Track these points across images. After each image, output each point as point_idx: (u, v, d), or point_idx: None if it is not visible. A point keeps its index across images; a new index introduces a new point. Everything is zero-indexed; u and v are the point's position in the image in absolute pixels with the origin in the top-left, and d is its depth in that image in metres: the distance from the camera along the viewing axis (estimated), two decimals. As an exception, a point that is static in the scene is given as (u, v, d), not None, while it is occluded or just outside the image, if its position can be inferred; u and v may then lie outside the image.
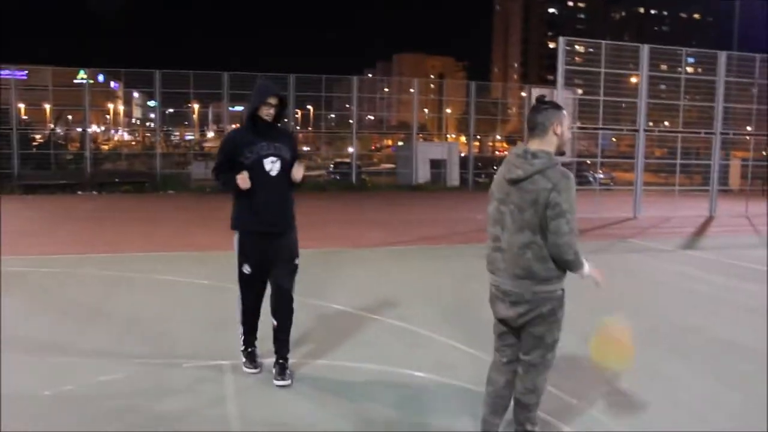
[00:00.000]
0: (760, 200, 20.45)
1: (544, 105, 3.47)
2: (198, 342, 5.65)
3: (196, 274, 8.49)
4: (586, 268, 3.44)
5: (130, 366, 4.98)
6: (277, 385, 4.67)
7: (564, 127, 3.46)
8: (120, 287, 7.73)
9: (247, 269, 4.80)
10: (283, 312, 4.79)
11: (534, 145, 3.43)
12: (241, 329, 5.00)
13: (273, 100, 4.69)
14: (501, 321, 3.56)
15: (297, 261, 4.85)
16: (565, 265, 3.36)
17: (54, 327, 6.01)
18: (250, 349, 5.01)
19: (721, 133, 18.57)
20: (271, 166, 4.68)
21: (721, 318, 6.93)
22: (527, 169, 3.32)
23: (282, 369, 4.76)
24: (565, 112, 3.50)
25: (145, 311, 6.64)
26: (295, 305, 4.84)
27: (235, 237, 4.88)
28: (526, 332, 3.46)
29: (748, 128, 20.63)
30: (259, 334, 5.00)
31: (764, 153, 26.83)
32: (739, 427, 4.15)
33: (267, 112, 4.68)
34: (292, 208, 4.88)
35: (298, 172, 4.74)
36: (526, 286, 3.34)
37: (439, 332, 6.03)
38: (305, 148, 34.13)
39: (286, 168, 4.71)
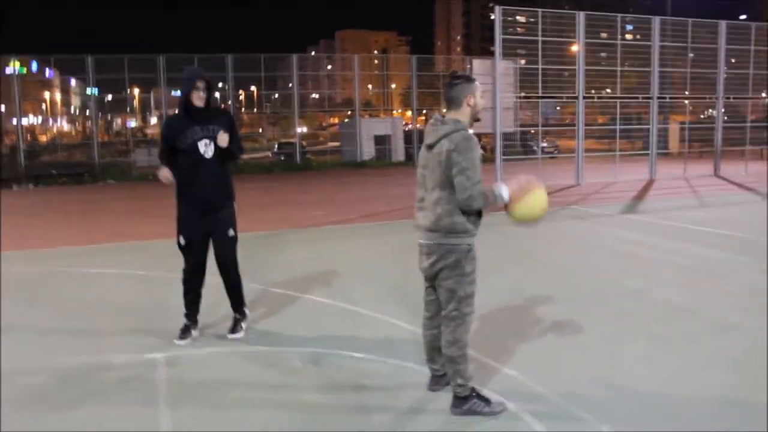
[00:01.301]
0: (698, 162, 20.93)
1: (456, 80, 3.84)
2: (131, 335, 5.46)
3: (133, 264, 8.25)
4: (504, 194, 3.74)
5: (57, 366, 4.77)
6: (229, 338, 5.24)
7: (476, 97, 3.82)
8: (49, 283, 7.45)
9: (181, 240, 5.25)
10: (228, 274, 5.29)
11: (449, 115, 3.82)
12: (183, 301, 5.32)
13: (201, 84, 4.98)
14: (424, 275, 3.97)
15: (232, 232, 5.25)
16: (482, 209, 3.71)
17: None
18: (186, 323, 5.28)
19: (658, 98, 18.87)
20: (205, 148, 5.05)
21: (659, 279, 7.01)
22: (436, 134, 3.76)
23: (234, 324, 5.33)
24: (477, 83, 3.84)
25: (76, 307, 6.39)
26: (246, 273, 5.36)
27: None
28: (439, 286, 3.83)
29: (685, 92, 21.02)
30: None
31: (702, 116, 27.47)
32: (680, 386, 4.17)
33: (198, 96, 5.00)
34: (229, 185, 5.25)
35: (222, 139, 4.99)
36: (435, 237, 3.75)
37: (379, 311, 5.95)
38: (248, 131, 33.62)
39: (220, 149, 5.05)
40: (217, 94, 37.27)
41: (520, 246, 8.85)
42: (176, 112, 5.28)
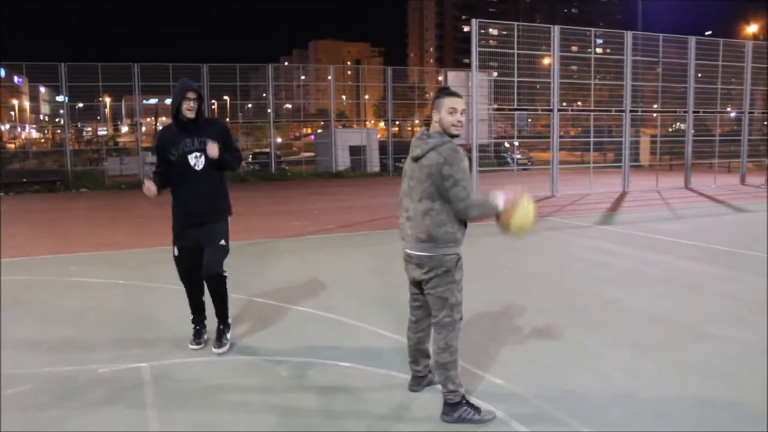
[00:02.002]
0: (669, 175, 21.30)
1: (437, 94, 3.94)
2: (114, 344, 5.43)
3: (111, 274, 8.19)
4: (500, 203, 3.78)
5: (41, 375, 4.73)
6: (215, 353, 5.12)
7: (442, 112, 3.84)
8: (30, 292, 7.36)
9: (175, 251, 5.25)
10: (211, 287, 5.18)
11: (433, 130, 3.93)
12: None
13: (192, 95, 4.98)
14: (411, 282, 4.08)
15: (223, 243, 5.17)
16: (478, 217, 3.80)
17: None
18: (196, 327, 5.39)
19: (630, 111, 19.18)
20: (195, 161, 5.05)
21: (636, 290, 7.13)
22: (423, 147, 3.85)
23: (219, 335, 5.27)
24: (445, 99, 3.86)
25: (57, 316, 6.33)
26: (228, 283, 5.24)
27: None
28: (430, 295, 3.91)
29: (655, 106, 21.40)
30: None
31: (670, 129, 27.96)
32: (660, 392, 4.26)
33: (188, 106, 4.98)
34: (222, 198, 5.21)
35: (211, 150, 4.96)
36: (425, 248, 3.83)
37: (362, 320, 5.99)
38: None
39: (211, 161, 5.02)
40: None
41: (497, 257, 8.95)
42: (168, 124, 5.26)
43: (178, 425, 3.90)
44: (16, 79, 45.33)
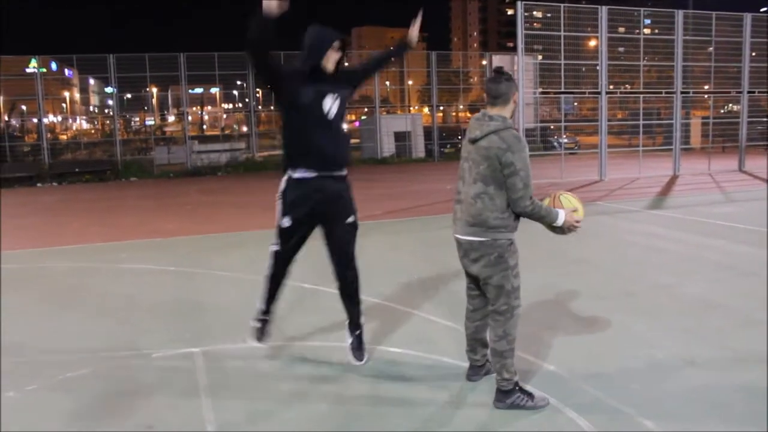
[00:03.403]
0: (721, 157, 20.75)
1: (504, 76, 3.83)
2: (167, 330, 5.51)
3: (161, 260, 8.31)
4: (560, 218, 3.79)
5: (97, 360, 4.83)
6: (357, 365, 4.50)
7: (517, 96, 3.88)
8: (84, 279, 7.52)
9: (285, 222, 4.32)
10: (350, 282, 4.54)
11: (495, 111, 3.81)
12: (263, 291, 4.63)
13: (338, 44, 4.23)
14: (466, 272, 3.98)
15: (352, 219, 4.51)
16: (529, 216, 3.75)
17: (13, 325, 5.80)
18: (265, 320, 4.68)
19: (681, 93, 18.71)
20: (331, 104, 4.22)
21: (690, 275, 6.97)
22: (483, 129, 3.73)
23: (358, 342, 4.58)
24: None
25: (110, 302, 6.46)
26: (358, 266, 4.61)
27: (282, 183, 4.37)
28: (485, 283, 3.83)
29: (707, 87, 20.83)
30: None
31: (722, 111, 27.22)
32: (716, 380, 4.15)
33: (334, 58, 4.22)
34: (349, 152, 4.54)
35: (413, 31, 4.53)
36: (476, 232, 3.75)
37: (413, 306, 5.96)
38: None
39: (343, 112, 4.33)
40: (235, 92, 37.09)
41: (548, 243, 8.78)
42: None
43: (231, 413, 3.94)
44: (66, 71, 46.32)
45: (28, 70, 27.66)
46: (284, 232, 4.41)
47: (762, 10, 31.46)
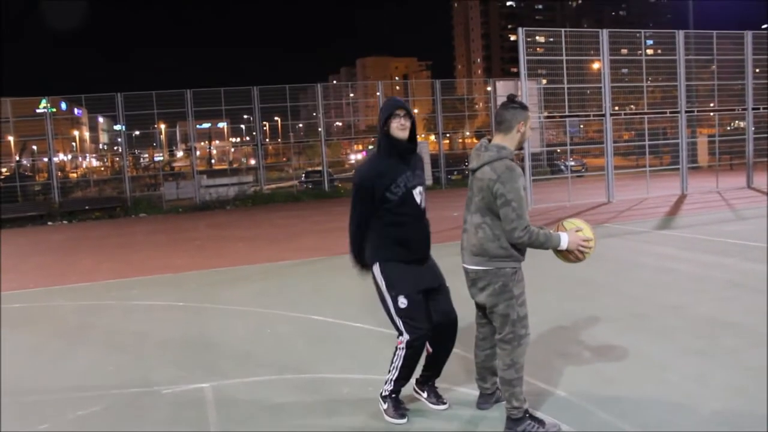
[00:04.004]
0: (729, 175, 20.69)
1: (513, 104, 3.80)
2: (176, 366, 5.51)
3: (171, 296, 8.33)
4: (563, 241, 3.76)
5: (108, 397, 4.83)
6: (439, 410, 4.25)
7: (527, 126, 3.82)
8: (94, 316, 7.54)
9: (404, 301, 4.00)
10: (452, 338, 4.21)
11: (497, 139, 3.81)
12: (397, 374, 4.13)
13: (401, 111, 4.01)
14: (474, 300, 3.96)
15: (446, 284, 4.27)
16: (528, 246, 3.71)
17: (25, 364, 5.82)
18: (396, 395, 4.23)
19: (686, 112, 18.73)
20: (420, 197, 4.09)
21: (701, 294, 6.92)
22: (479, 160, 3.78)
23: (438, 394, 4.34)
24: (527, 113, 3.82)
25: (120, 339, 6.48)
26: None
27: (379, 270, 4.12)
28: (491, 312, 3.82)
29: (711, 105, 20.85)
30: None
31: (728, 128, 27.21)
32: (731, 402, 4.10)
33: (400, 124, 3.98)
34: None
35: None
36: (480, 261, 3.76)
37: (422, 334, 5.93)
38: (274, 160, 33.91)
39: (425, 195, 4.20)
40: (242, 126, 37.34)
41: (558, 266, 8.77)
42: (371, 156, 4.23)
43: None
44: (76, 111, 46.87)
45: (38, 111, 28.02)
46: None
47: (763, 27, 31.54)
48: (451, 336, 4.17)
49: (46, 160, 26.48)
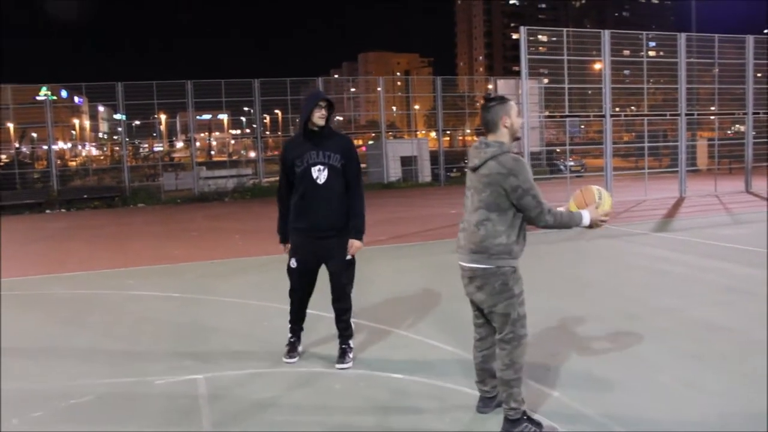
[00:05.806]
0: (728, 178, 20.71)
1: (490, 103, 3.84)
2: (170, 356, 5.52)
3: (167, 287, 8.34)
4: (585, 219, 3.83)
5: (102, 386, 4.84)
6: (338, 368, 5.05)
7: (512, 117, 3.81)
8: (90, 305, 7.55)
9: (293, 263, 5.14)
10: (340, 302, 5.20)
11: (491, 137, 3.85)
12: (289, 318, 5.36)
13: (323, 102, 4.98)
14: (470, 300, 3.94)
15: (349, 258, 5.14)
16: (554, 227, 3.80)
17: (16, 353, 5.82)
18: (293, 339, 5.35)
19: (686, 115, 18.73)
20: (318, 174, 4.95)
21: (696, 298, 6.94)
22: (482, 156, 3.76)
23: (342, 353, 5.17)
24: (512, 102, 3.86)
25: (115, 329, 6.48)
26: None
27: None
28: (490, 311, 3.81)
29: (712, 108, 20.85)
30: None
31: (728, 132, 27.22)
32: (721, 406, 4.13)
33: (320, 114, 4.96)
34: (342, 213, 5.06)
35: (351, 248, 5.09)
36: (479, 259, 3.74)
37: (416, 332, 5.96)
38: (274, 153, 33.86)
39: (334, 175, 4.98)
40: (243, 118, 37.30)
41: (553, 266, 8.82)
42: (292, 136, 5.16)
43: (233, 437, 3.94)
44: (76, 99, 46.76)
45: (38, 98, 27.96)
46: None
47: (765, 31, 31.53)
48: (341, 302, 5.20)
49: (45, 147, 26.43)
